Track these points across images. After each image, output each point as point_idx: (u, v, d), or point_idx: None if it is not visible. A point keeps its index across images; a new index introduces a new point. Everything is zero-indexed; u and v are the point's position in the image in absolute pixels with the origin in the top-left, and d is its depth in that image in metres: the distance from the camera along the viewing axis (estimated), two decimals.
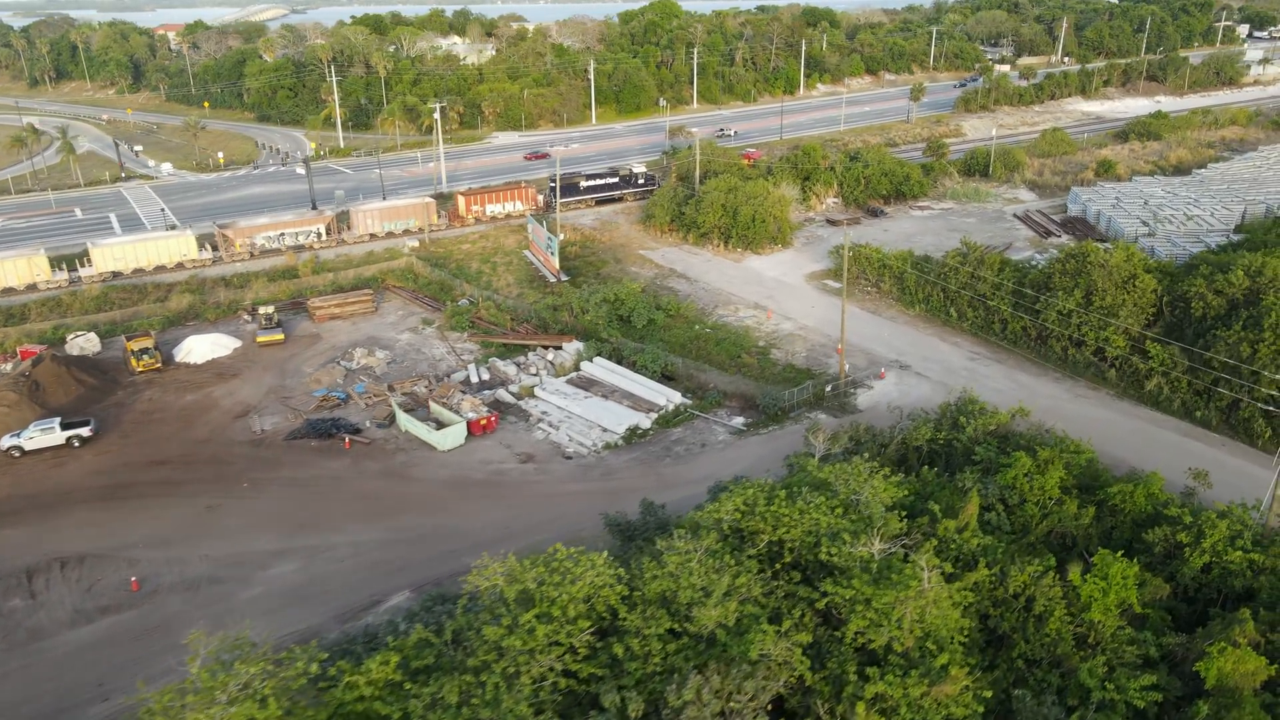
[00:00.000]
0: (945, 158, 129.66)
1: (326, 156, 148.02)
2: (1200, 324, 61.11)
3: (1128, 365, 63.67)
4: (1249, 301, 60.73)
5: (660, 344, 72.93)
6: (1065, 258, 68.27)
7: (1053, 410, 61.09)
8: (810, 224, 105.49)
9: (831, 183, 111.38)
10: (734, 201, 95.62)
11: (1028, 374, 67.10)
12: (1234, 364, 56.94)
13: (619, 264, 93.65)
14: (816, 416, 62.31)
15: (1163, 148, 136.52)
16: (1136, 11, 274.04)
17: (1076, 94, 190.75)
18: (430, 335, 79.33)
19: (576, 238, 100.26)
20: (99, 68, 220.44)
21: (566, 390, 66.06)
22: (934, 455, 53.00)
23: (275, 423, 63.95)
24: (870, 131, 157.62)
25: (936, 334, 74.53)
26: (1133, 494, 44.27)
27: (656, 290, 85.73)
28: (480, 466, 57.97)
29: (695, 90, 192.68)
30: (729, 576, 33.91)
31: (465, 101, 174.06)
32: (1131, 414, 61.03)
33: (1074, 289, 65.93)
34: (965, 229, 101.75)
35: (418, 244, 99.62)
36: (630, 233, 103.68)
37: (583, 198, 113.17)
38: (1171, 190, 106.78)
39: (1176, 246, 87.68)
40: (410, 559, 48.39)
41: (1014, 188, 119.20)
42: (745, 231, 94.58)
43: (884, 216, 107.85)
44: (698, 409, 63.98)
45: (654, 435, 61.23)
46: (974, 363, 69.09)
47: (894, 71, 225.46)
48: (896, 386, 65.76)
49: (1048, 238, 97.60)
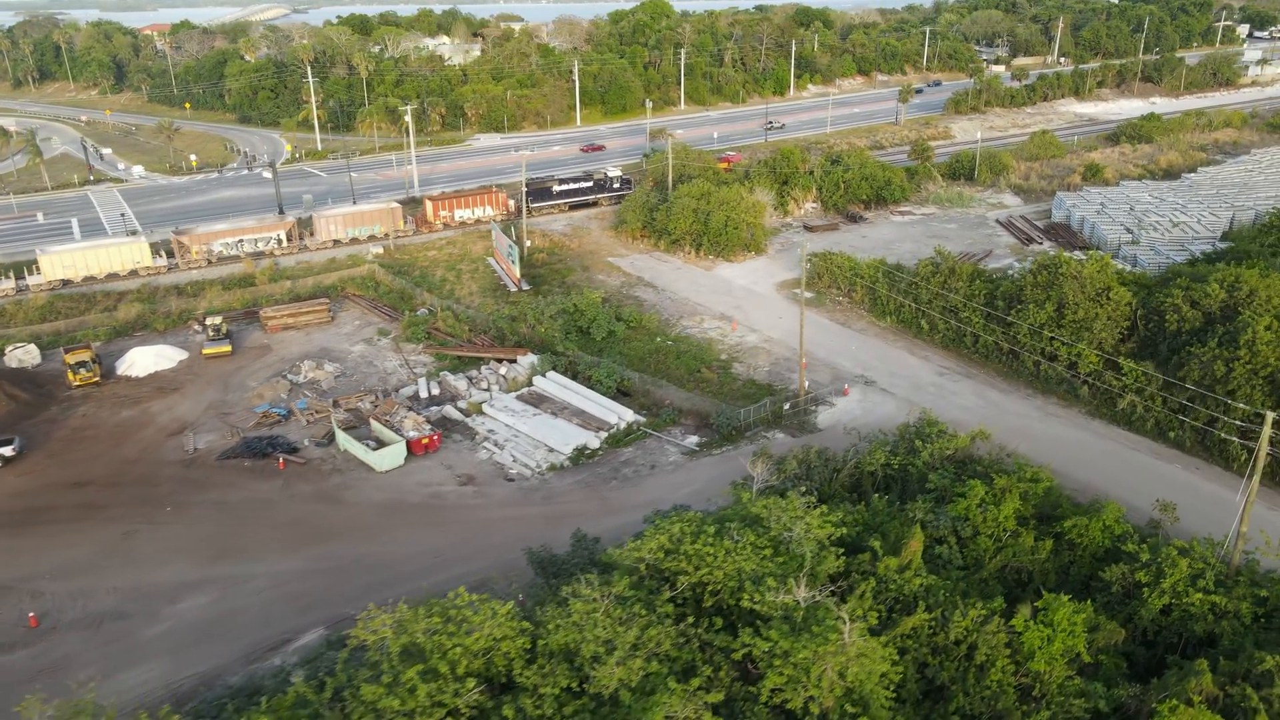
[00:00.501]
0: (930, 161, 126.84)
1: (302, 159, 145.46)
2: (1175, 339, 58.32)
3: (1100, 382, 60.90)
4: (1225, 316, 57.93)
5: (618, 357, 70.25)
6: (1037, 269, 65.51)
7: (1021, 430, 58.41)
8: (787, 230, 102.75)
9: (810, 187, 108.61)
10: (705, 207, 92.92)
11: (998, 390, 64.34)
12: (1207, 384, 54.18)
13: (586, 272, 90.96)
14: (774, 436, 59.63)
15: (1154, 151, 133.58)
16: (1134, 11, 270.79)
17: (1070, 95, 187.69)
18: (385, 347, 76.70)
19: (545, 244, 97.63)
20: (82, 68, 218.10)
21: (515, 407, 63.41)
22: (889, 481, 50.31)
23: (211, 441, 61.33)
24: (857, 134, 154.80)
25: (906, 347, 71.76)
26: (1088, 528, 41.51)
27: (621, 300, 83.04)
28: (418, 489, 55.31)
29: (682, 91, 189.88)
30: (637, 628, 31.24)
31: (447, 103, 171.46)
32: (1103, 434, 58.25)
33: (1045, 302, 63.15)
34: (945, 235, 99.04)
35: (382, 250, 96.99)
36: (601, 239, 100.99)
37: (556, 202, 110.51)
38: (1158, 195, 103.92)
39: (1160, 255, 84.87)
40: (330, 592, 45.74)
41: (999, 192, 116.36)
42: (717, 238, 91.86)
43: (863, 222, 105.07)
44: (651, 427, 61.29)
45: (603, 455, 58.52)
46: (943, 378, 66.31)
47: (886, 72, 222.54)
48: (860, 404, 63.03)
49: (1029, 245, 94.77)
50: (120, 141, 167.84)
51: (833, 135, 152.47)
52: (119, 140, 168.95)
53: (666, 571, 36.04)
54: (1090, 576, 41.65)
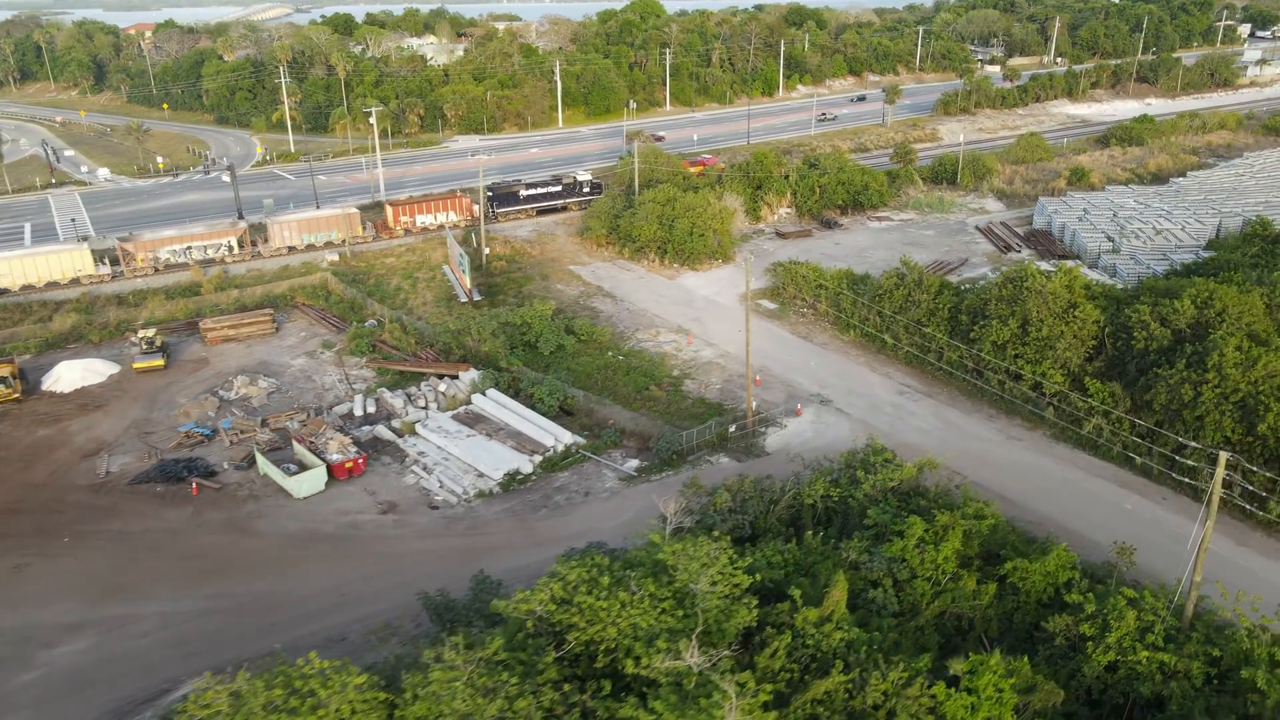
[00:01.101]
0: (913, 164, 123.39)
1: (272, 161, 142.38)
2: (1142, 359, 54.85)
3: (1066, 403, 57.48)
4: (1196, 335, 54.44)
5: (564, 374, 66.93)
6: (1002, 282, 62.05)
7: (980, 455, 55.06)
8: (758, 237, 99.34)
9: (784, 192, 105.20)
10: (670, 214, 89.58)
11: (960, 410, 60.90)
12: (1174, 409, 50.75)
13: (545, 281, 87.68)
14: (717, 460, 56.31)
15: (1144, 154, 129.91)
16: (1134, 10, 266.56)
17: (1063, 96, 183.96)
18: (327, 360, 73.48)
19: (506, 251, 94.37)
20: (62, 68, 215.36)
21: (450, 427, 60.11)
22: (830, 514, 46.98)
23: (126, 463, 58.14)
24: (842, 135, 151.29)
25: (869, 363, 68.35)
26: (1031, 573, 38.13)
27: (577, 311, 79.76)
28: (334, 518, 52.06)
29: (668, 92, 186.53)
30: (503, 699, 27.96)
31: (426, 104, 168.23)
32: (1066, 460, 54.81)
33: (1009, 318, 59.72)
34: (922, 242, 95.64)
35: (337, 258, 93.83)
36: (566, 246, 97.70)
37: (523, 207, 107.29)
38: (1144, 201, 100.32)
39: (1140, 265, 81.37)
40: (223, 635, 42.48)
41: (981, 197, 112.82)
42: (682, 246, 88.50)
43: (838, 228, 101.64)
44: (590, 450, 57.97)
45: (536, 481, 55.24)
46: (903, 397, 62.90)
47: (878, 72, 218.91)
48: (812, 425, 59.65)
49: (1007, 253, 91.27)
50: (93, 143, 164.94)
51: (816, 137, 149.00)
52: (92, 142, 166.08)
53: (558, 625, 32.79)
54: (1035, 625, 38.31)
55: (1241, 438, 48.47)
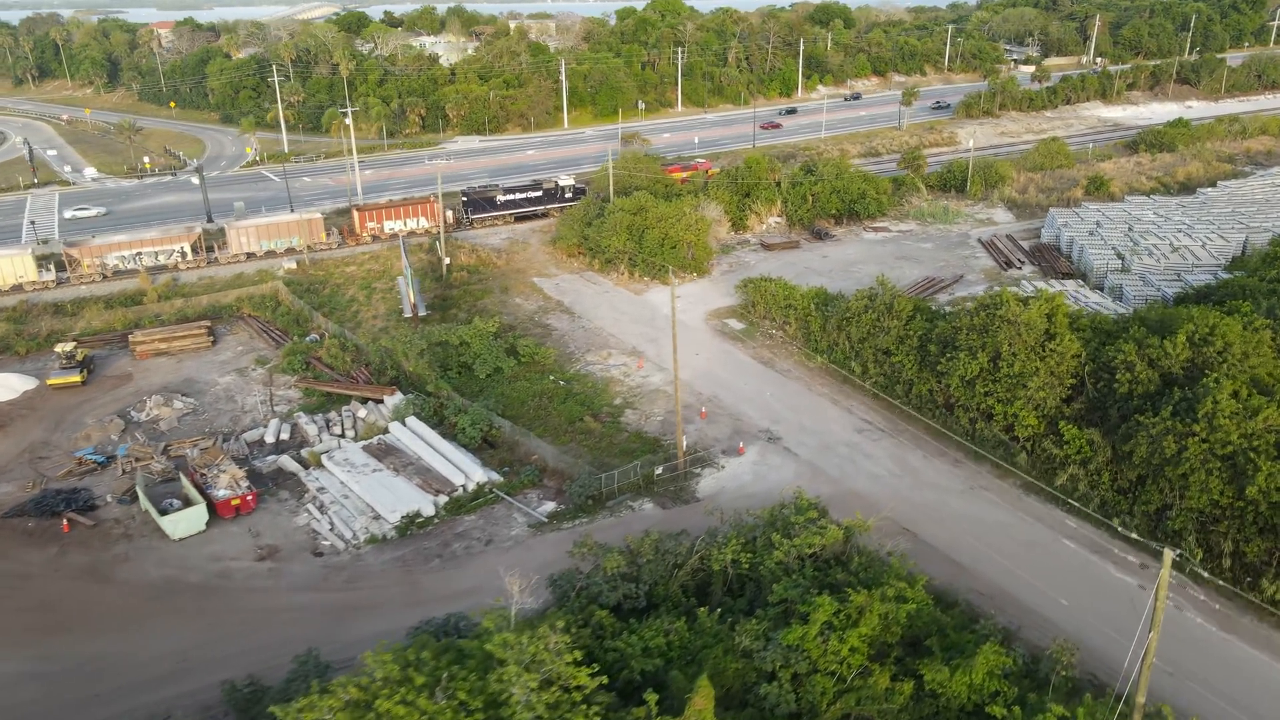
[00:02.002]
0: (922, 170, 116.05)
1: (263, 162, 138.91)
2: (1125, 404, 47.84)
3: (1040, 450, 50.68)
4: (1191, 377, 47.31)
5: (496, 400, 61.38)
6: (975, 309, 55.23)
7: (936, 508, 48.56)
8: (742, 248, 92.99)
9: (774, 200, 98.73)
10: (641, 224, 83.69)
11: (923, 453, 54.29)
12: (1156, 464, 43.82)
13: (504, 294, 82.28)
14: (640, 507, 50.41)
15: (1175, 161, 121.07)
16: (1180, 9, 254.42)
17: (1096, 98, 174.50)
18: (257, 378, 68.75)
19: (471, 261, 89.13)
20: (78, 66, 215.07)
21: (357, 460, 54.88)
22: (744, 582, 40.89)
23: (9, 493, 53.74)
24: (854, 139, 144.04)
25: (832, 394, 61.90)
26: (951, 683, 31.75)
27: (528, 328, 74.26)
28: (205, 564, 47.03)
29: (680, 92, 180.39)
30: None
31: (428, 103, 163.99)
32: (1036, 516, 48.03)
33: (979, 350, 52.96)
34: (917, 256, 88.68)
35: (295, 266, 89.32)
36: (536, 256, 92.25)
37: (500, 213, 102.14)
38: (1164, 213, 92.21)
39: (1150, 286, 73.80)
40: (34, 708, 37.60)
41: (990, 206, 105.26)
42: (652, 258, 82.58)
43: (830, 240, 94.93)
44: (505, 490, 52.40)
45: (438, 525, 49.77)
46: (861, 436, 56.41)
47: (904, 73, 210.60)
48: (754, 467, 53.46)
49: (1008, 270, 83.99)
50: (94, 141, 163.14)
51: (825, 140, 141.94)
52: (93, 140, 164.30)
53: None
54: None
55: (1232, 501, 41.44)
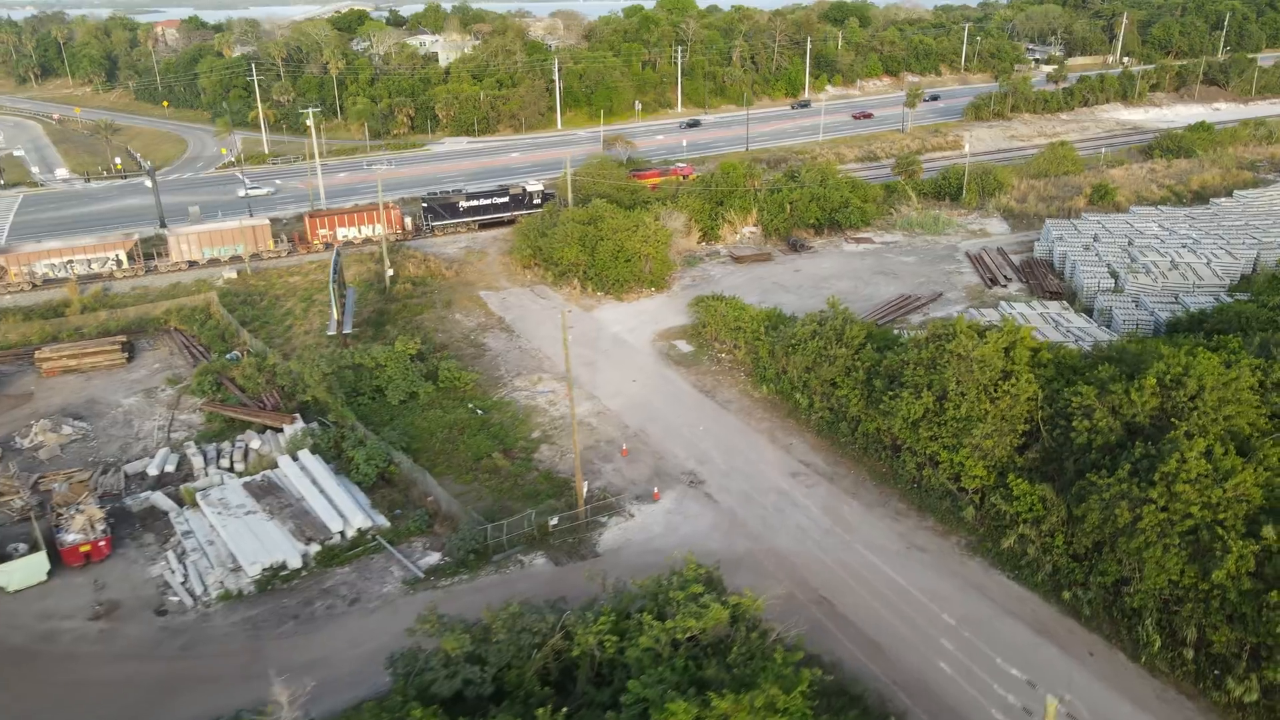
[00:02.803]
0: (916, 176, 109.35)
1: (240, 164, 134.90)
2: (1082, 456, 41.39)
3: (990, 504, 44.36)
4: (1159, 427, 40.75)
5: (401, 432, 55.98)
6: (925, 340, 48.90)
7: (865, 573, 42.48)
8: (711, 260, 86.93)
9: (750, 209, 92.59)
10: (594, 234, 78.01)
11: (861, 503, 48.11)
12: (1110, 533, 37.42)
13: (446, 309, 76.95)
14: (532, 562, 44.76)
15: (1192, 167, 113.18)
16: (1214, 7, 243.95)
17: (1117, 100, 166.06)
18: (164, 401, 63.95)
19: (419, 272, 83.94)
20: (78, 65, 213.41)
21: (234, 500, 49.72)
22: (615, 667, 35.09)
23: None
24: (853, 142, 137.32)
25: (773, 429, 55.81)
26: None
27: (463, 348, 68.89)
28: (32, 623, 42.00)
29: (679, 93, 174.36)
30: None
31: (417, 104, 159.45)
32: (977, 584, 41.75)
33: (924, 388, 46.70)
34: (897, 270, 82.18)
35: (236, 275, 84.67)
36: (491, 267, 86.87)
37: (464, 220, 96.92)
38: (1169, 226, 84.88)
39: (1144, 310, 66.89)
40: None
41: (985, 216, 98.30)
42: (605, 271, 76.88)
43: (807, 251, 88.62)
44: (389, 537, 46.99)
45: (305, 578, 44.45)
46: (795, 480, 50.32)
47: (917, 73, 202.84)
48: (667, 517, 47.57)
49: (993, 287, 77.25)
50: (80, 141, 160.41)
51: (821, 144, 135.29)
52: (80, 140, 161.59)
53: None
54: None
55: (1195, 582, 34.97)
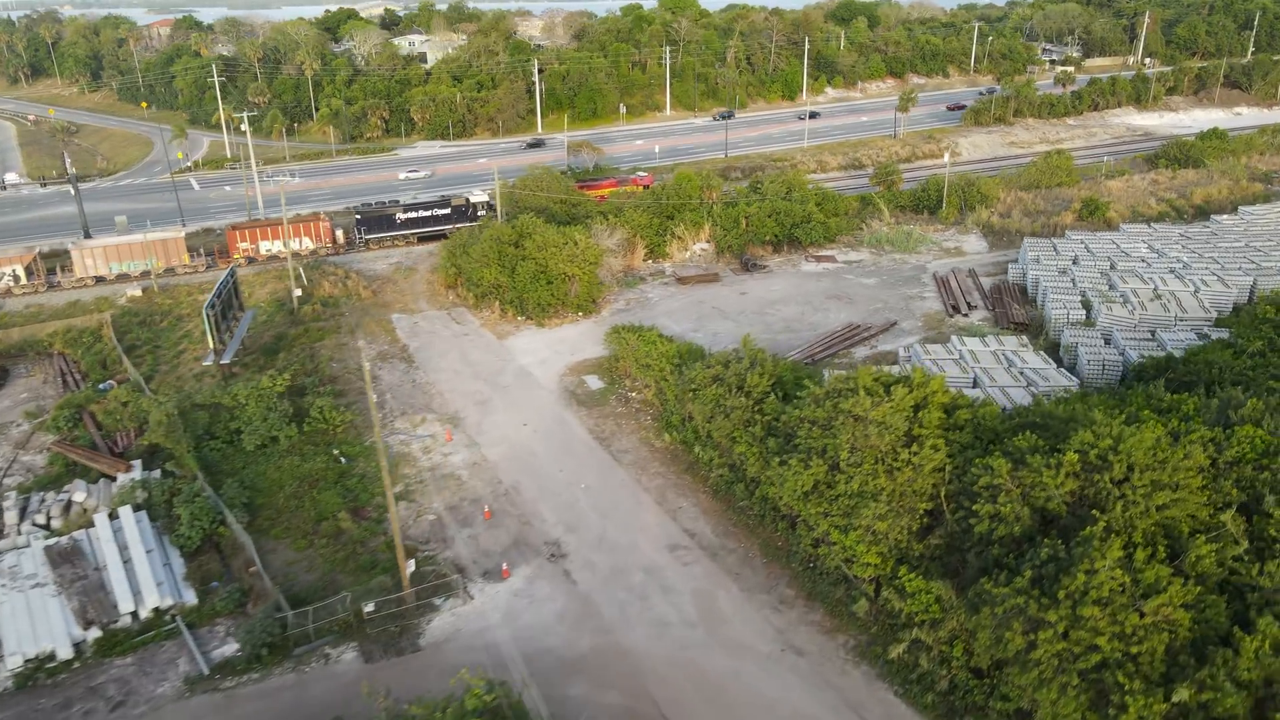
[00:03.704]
0: (895, 187, 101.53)
1: (192, 169, 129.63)
2: (983, 548, 33.83)
3: (884, 599, 36.92)
4: (1078, 517, 33.06)
5: (244, 485, 49.38)
6: (822, 397, 41.38)
7: (722, 683, 35.24)
8: (653, 281, 79.69)
9: (702, 224, 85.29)
10: (516, 253, 71.18)
11: (740, 588, 40.76)
12: (1003, 658, 29.95)
13: (351, 335, 70.38)
14: (341, 656, 37.94)
15: (1199, 178, 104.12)
16: (1243, 6, 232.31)
17: (1129, 104, 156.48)
18: (14, 438, 57.94)
19: (335, 292, 77.56)
20: (64, 64, 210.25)
21: (27, 568, 43.35)
22: None
23: None
24: (841, 148, 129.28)
25: (664, 489, 48.59)
26: None
27: (349, 381, 62.32)
28: None
29: (668, 95, 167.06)
30: None
31: (392, 106, 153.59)
32: (855, 703, 34.33)
33: (814, 455, 39.31)
34: (852, 294, 74.56)
35: (140, 292, 78.79)
36: (417, 286, 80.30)
37: (401, 233, 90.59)
38: (1160, 246, 76.47)
39: (1115, 347, 58.86)
40: None
41: (964, 232, 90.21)
42: (525, 294, 70.03)
43: (760, 271, 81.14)
44: (190, 618, 40.39)
45: (77, 671, 37.94)
46: (673, 555, 43.08)
47: (923, 74, 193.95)
48: (512, 601, 40.51)
49: (954, 315, 69.41)
50: (47, 144, 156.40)
51: (803, 151, 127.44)
52: (47, 143, 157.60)
53: None
54: None
55: None
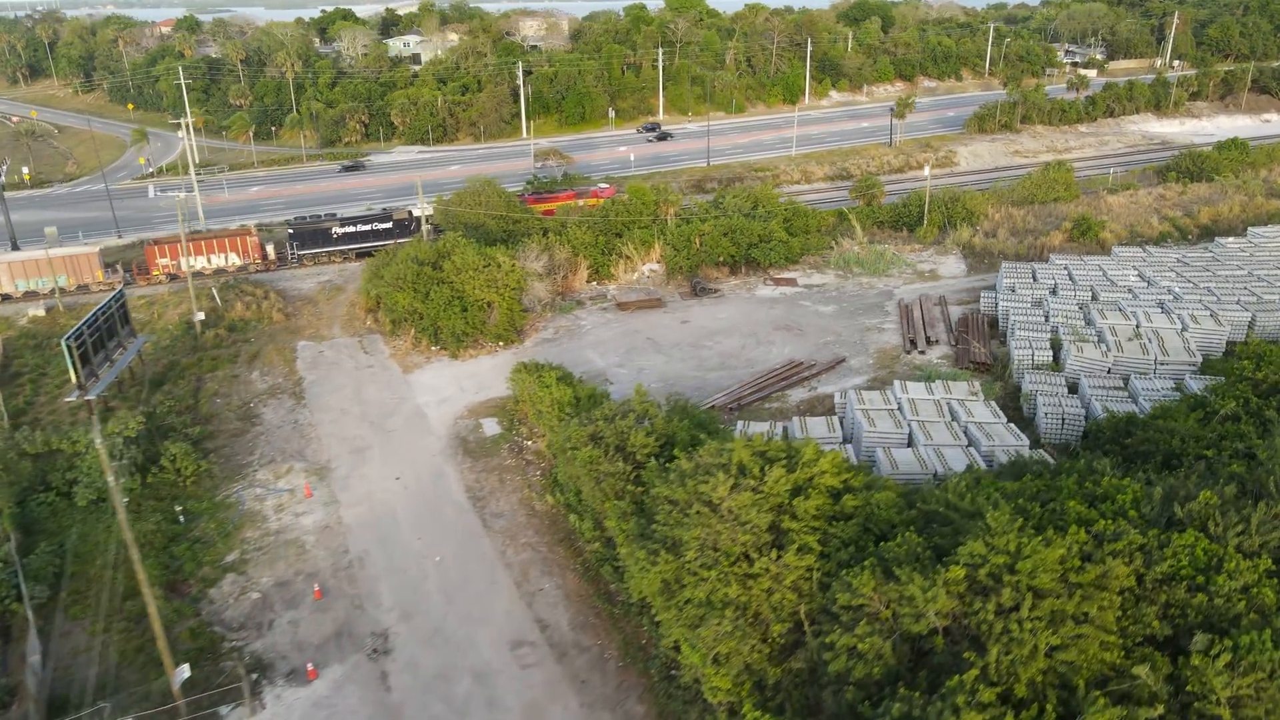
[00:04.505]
0: (877, 202, 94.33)
1: (154, 175, 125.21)
2: (839, 689, 27.04)
3: None
4: (954, 655, 26.13)
5: (58, 551, 43.67)
6: (683, 475, 34.66)
7: None
8: (592, 305, 73.17)
9: (652, 242, 78.77)
10: (432, 276, 65.16)
11: (580, 703, 34.19)
12: None
13: (249, 364, 64.68)
14: None
15: (1210, 194, 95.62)
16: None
17: (1148, 109, 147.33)
18: None
19: (248, 314, 72.04)
20: (60, 65, 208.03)
21: None
22: None
23: None
24: (825, 158, 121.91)
25: (528, 565, 42.16)
26: None
27: (226, 420, 56.51)
28: None
29: (661, 99, 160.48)
30: None
31: (372, 110, 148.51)
32: None
33: (663, 550, 32.69)
34: (804, 324, 67.59)
35: (44, 312, 73.83)
36: (339, 309, 74.56)
37: (337, 248, 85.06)
38: (1151, 274, 68.66)
39: (1080, 398, 51.51)
40: None
41: (943, 253, 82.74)
42: (439, 322, 63.96)
43: (710, 295, 74.40)
44: None
45: None
46: (513, 655, 36.64)
47: (934, 77, 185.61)
48: (311, 713, 34.22)
49: (910, 352, 62.23)
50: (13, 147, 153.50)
51: (789, 159, 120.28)
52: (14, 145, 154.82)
53: None
54: None
55: None
